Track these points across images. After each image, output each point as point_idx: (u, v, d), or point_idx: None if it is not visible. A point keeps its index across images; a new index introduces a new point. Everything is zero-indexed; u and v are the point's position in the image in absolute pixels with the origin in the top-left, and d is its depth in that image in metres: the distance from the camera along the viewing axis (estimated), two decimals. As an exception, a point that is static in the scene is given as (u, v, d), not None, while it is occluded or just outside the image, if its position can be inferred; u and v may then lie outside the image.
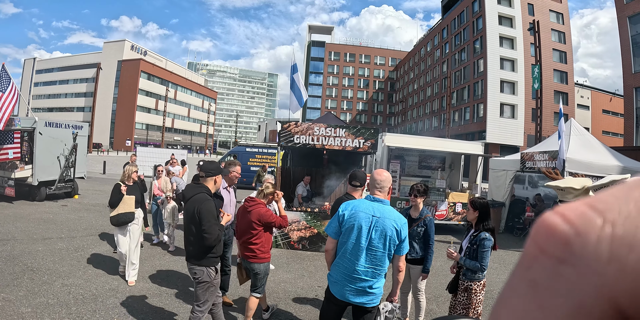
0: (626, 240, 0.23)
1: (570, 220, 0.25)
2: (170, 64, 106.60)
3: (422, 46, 73.97)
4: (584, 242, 0.24)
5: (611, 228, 0.24)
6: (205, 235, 4.29)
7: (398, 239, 3.61)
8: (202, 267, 4.44)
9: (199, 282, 4.47)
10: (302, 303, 6.21)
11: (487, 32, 48.28)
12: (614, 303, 0.23)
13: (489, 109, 47.18)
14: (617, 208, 0.24)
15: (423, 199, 5.25)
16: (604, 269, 0.23)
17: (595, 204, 0.26)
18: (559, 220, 0.26)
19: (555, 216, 0.26)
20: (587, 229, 0.24)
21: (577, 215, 0.25)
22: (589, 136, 13.04)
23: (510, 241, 12.36)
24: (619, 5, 26.09)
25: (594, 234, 0.24)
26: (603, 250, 0.23)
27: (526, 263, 0.27)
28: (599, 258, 0.23)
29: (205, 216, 4.29)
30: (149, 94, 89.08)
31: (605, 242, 0.24)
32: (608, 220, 0.24)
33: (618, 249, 0.23)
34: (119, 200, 6.60)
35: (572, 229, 0.25)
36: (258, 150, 22.90)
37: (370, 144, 9.69)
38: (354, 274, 3.59)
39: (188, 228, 4.45)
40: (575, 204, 0.27)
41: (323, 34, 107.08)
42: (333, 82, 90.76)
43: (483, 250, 4.37)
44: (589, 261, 0.24)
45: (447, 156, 14.77)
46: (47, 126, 13.38)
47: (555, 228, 0.26)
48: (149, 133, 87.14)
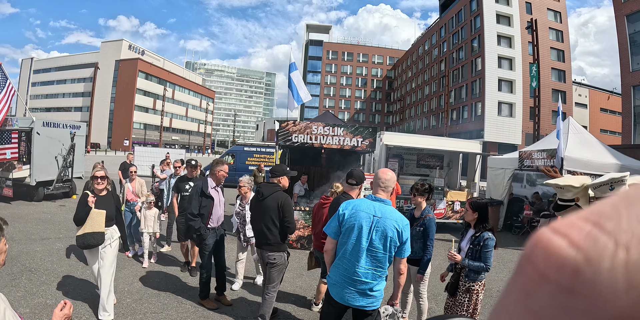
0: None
1: (577, 244, 0.23)
2: (168, 63, 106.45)
3: (420, 45, 73.98)
4: (596, 270, 0.21)
5: (625, 252, 0.21)
6: (289, 225, 5.06)
7: (399, 240, 3.56)
8: (281, 253, 5.12)
9: (275, 265, 5.10)
10: (301, 303, 6.20)
11: (485, 30, 48.31)
12: None
13: (487, 107, 47.23)
14: (628, 227, 0.22)
15: (424, 198, 5.22)
16: (620, 299, 0.20)
17: (602, 223, 0.23)
18: (563, 243, 0.23)
19: (557, 237, 0.24)
20: (598, 254, 0.22)
21: (584, 237, 0.23)
22: (587, 134, 13.07)
23: (509, 239, 12.39)
24: (616, 4, 26.10)
25: (606, 260, 0.21)
26: (618, 278, 0.21)
27: (524, 286, 0.25)
28: (614, 287, 0.21)
29: (288, 210, 5.06)
30: (146, 93, 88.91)
31: (620, 269, 0.21)
32: (621, 244, 0.21)
33: (636, 276, 0.20)
34: (87, 215, 5.04)
35: (579, 253, 0.22)
36: (256, 150, 22.83)
37: (369, 142, 9.69)
38: (354, 275, 3.54)
39: (266, 220, 5.07)
40: (577, 221, 0.24)
41: (321, 33, 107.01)
42: (331, 81, 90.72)
43: (487, 251, 4.34)
44: (603, 291, 0.21)
45: (445, 155, 14.79)
46: (45, 126, 13.34)
47: (559, 252, 0.23)
48: (146, 133, 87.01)
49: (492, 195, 14.51)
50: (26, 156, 13.87)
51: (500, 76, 48.08)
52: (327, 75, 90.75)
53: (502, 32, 48.85)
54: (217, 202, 5.95)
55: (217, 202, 5.93)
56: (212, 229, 5.87)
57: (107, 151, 68.38)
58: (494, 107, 47.42)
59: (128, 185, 8.36)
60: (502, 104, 48.03)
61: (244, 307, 5.92)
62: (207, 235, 5.75)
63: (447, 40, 60.62)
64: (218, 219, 5.99)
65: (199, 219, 5.65)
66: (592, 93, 59.37)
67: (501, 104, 47.96)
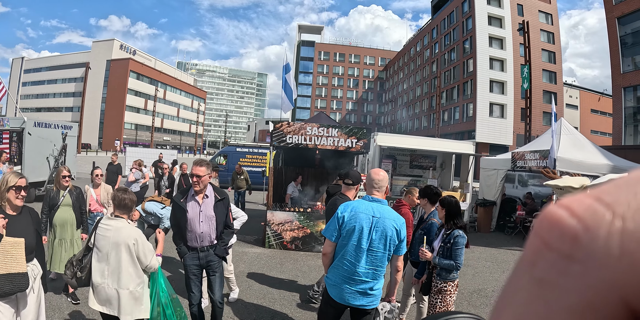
0: (637, 235, 0.22)
1: (578, 214, 0.24)
2: (159, 63, 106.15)
3: (412, 46, 74.26)
4: (593, 237, 0.23)
5: (621, 222, 0.23)
6: None
7: (398, 238, 3.59)
8: None
9: None
10: (297, 304, 6.18)
11: (477, 32, 48.55)
12: (624, 300, 0.22)
13: (479, 108, 47.47)
14: (625, 201, 0.24)
15: (425, 201, 5.23)
16: (614, 265, 0.22)
17: (602, 197, 0.25)
18: (565, 214, 0.25)
19: (561, 209, 0.25)
20: (596, 223, 0.23)
21: (585, 209, 0.24)
22: (578, 135, 13.16)
23: (502, 240, 12.44)
24: (607, 7, 26.31)
25: (603, 228, 0.23)
26: (613, 245, 0.22)
27: (529, 258, 0.26)
28: (609, 254, 0.22)
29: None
30: (138, 93, 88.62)
31: (615, 237, 0.23)
32: (618, 214, 0.23)
33: (629, 244, 0.22)
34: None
35: (579, 223, 0.24)
36: (249, 150, 22.73)
37: (363, 143, 9.69)
38: (355, 275, 3.55)
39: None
40: (581, 197, 0.26)
41: (313, 33, 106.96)
42: (323, 81, 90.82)
43: (457, 248, 4.33)
44: (599, 257, 0.23)
45: (438, 156, 14.83)
46: (36, 126, 13.26)
47: (562, 222, 0.25)
48: (138, 133, 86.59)
49: (485, 196, 14.56)
50: (17, 157, 13.75)
51: (491, 77, 48.35)
52: (319, 76, 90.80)
53: (494, 33, 49.11)
54: (193, 216, 4.45)
55: (192, 216, 4.44)
56: (194, 249, 4.53)
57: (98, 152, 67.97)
58: (486, 108, 47.67)
59: (91, 192, 6.94)
60: (493, 105, 48.29)
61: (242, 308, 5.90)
62: (183, 254, 4.55)
63: (439, 41, 60.87)
64: (199, 237, 4.51)
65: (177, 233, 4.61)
66: (582, 94, 59.85)
67: (492, 105, 48.22)
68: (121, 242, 3.68)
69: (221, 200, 4.58)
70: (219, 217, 4.54)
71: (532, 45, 26.99)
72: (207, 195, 4.55)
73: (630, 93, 25.35)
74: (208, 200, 4.53)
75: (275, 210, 9.72)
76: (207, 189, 4.56)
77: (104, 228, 3.78)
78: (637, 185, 0.24)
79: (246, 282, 7.00)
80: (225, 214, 4.65)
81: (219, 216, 4.53)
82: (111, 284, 3.72)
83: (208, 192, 4.56)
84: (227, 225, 4.72)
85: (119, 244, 3.68)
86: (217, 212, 4.52)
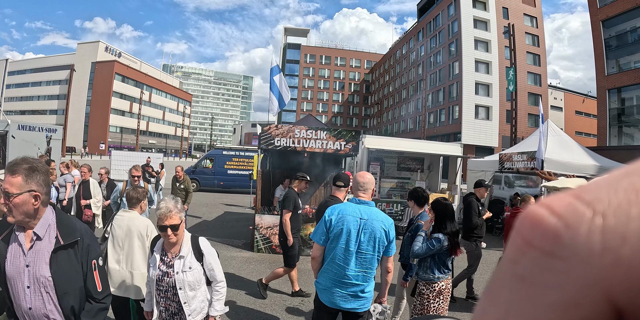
0: (618, 231, 0.22)
1: (558, 212, 0.25)
2: (145, 66, 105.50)
3: (398, 49, 74.69)
4: (574, 234, 0.23)
5: (602, 219, 0.23)
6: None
7: (387, 240, 3.60)
8: None
9: None
10: (288, 309, 6.13)
11: (463, 35, 48.96)
12: (607, 296, 0.22)
13: (464, 110, 47.85)
14: (606, 198, 0.24)
15: (413, 203, 5.22)
16: (596, 261, 0.22)
17: (582, 195, 0.25)
18: (546, 212, 0.25)
19: (541, 208, 0.26)
20: (576, 221, 0.24)
21: (565, 207, 0.25)
22: (565, 136, 13.28)
23: (491, 241, 12.45)
24: (592, 10, 26.61)
25: (584, 225, 0.23)
26: (595, 242, 0.23)
27: (512, 256, 0.26)
28: (591, 250, 0.23)
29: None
30: (123, 96, 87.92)
31: (596, 233, 0.23)
32: (598, 211, 0.23)
33: (610, 240, 0.22)
34: None
35: (560, 221, 0.24)
36: (235, 153, 22.53)
37: (352, 146, 9.65)
38: (344, 279, 3.54)
39: None
40: (561, 195, 0.26)
41: (299, 36, 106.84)
42: (309, 84, 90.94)
43: (417, 236, 4.56)
44: (581, 254, 0.23)
45: (426, 158, 14.84)
46: (20, 129, 13.09)
47: (542, 220, 0.25)
48: (123, 136, 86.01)
49: (473, 198, 14.60)
50: (1, 160, 13.54)
51: (477, 80, 48.75)
52: (304, 79, 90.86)
53: (479, 36, 49.53)
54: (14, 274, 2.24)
55: (12, 273, 2.24)
56: None
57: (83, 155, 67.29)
58: (471, 110, 48.05)
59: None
60: (479, 107, 48.69)
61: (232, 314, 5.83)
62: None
63: (425, 44, 61.26)
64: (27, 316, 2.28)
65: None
66: (567, 96, 60.61)
67: (478, 107, 48.61)
68: (134, 230, 4.14)
69: (67, 247, 2.30)
70: (63, 281, 2.27)
71: (517, 48, 27.23)
72: (37, 234, 2.24)
73: (615, 95, 25.68)
74: (41, 245, 2.25)
75: (264, 214, 9.65)
76: (38, 220, 2.26)
77: (119, 218, 4.24)
78: (618, 183, 0.24)
79: (236, 287, 6.91)
80: (82, 274, 2.36)
81: (61, 279, 2.26)
82: (125, 267, 4.09)
83: (40, 228, 2.25)
84: (92, 297, 2.41)
85: (132, 231, 4.14)
86: (59, 270, 2.25)
